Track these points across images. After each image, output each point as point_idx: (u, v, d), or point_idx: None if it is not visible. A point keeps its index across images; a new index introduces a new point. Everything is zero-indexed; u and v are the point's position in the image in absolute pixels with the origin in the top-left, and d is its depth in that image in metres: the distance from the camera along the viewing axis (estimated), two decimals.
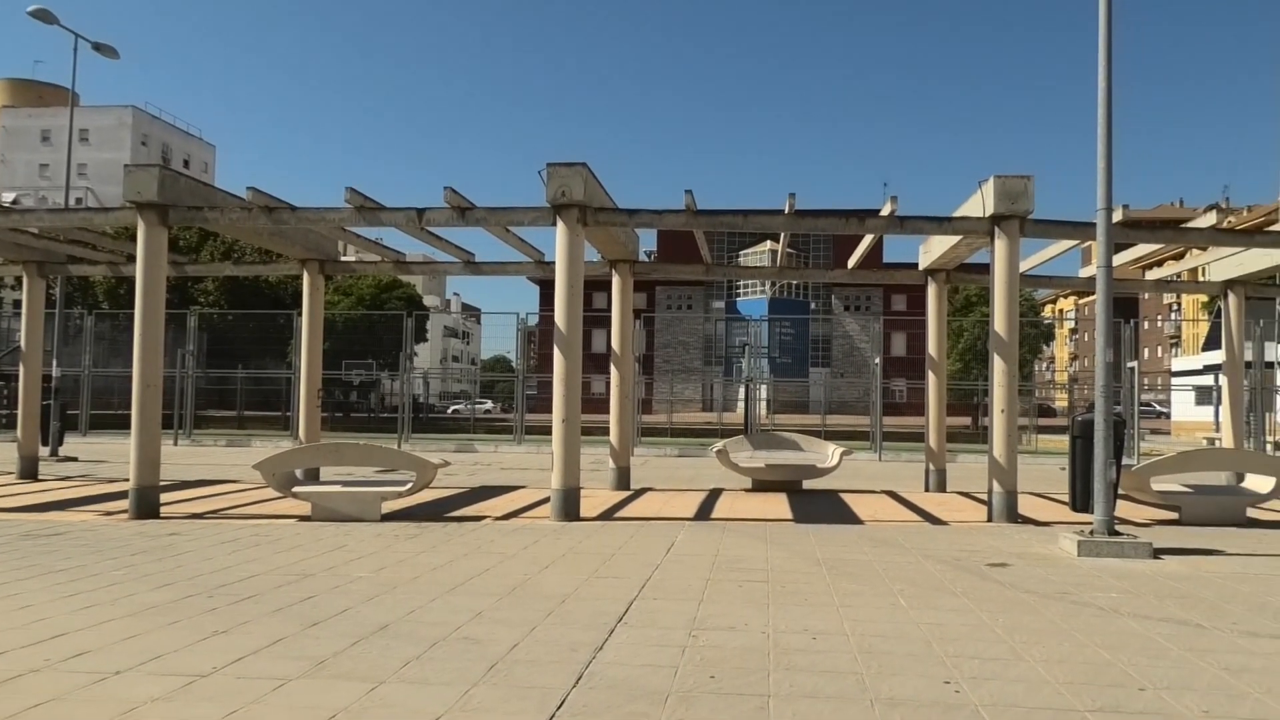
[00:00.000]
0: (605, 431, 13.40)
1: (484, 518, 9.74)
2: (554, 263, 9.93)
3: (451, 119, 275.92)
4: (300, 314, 13.82)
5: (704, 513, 10.49)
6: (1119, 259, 14.26)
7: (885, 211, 10.69)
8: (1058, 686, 4.07)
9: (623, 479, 13.05)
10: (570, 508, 9.60)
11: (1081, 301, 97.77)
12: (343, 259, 14.95)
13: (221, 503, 11.05)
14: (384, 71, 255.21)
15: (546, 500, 9.99)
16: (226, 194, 11.67)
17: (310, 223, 10.97)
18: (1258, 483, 10.65)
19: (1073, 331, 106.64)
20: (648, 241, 69.54)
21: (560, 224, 9.76)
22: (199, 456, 19.74)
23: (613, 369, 13.33)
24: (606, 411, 13.76)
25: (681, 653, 4.53)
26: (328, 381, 19.96)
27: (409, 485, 9.58)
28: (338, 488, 9.73)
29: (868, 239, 12.95)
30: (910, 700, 3.84)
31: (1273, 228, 12.24)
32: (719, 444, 13.61)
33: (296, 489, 9.71)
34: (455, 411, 53.18)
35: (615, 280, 13.28)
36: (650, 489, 13.17)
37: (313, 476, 11.76)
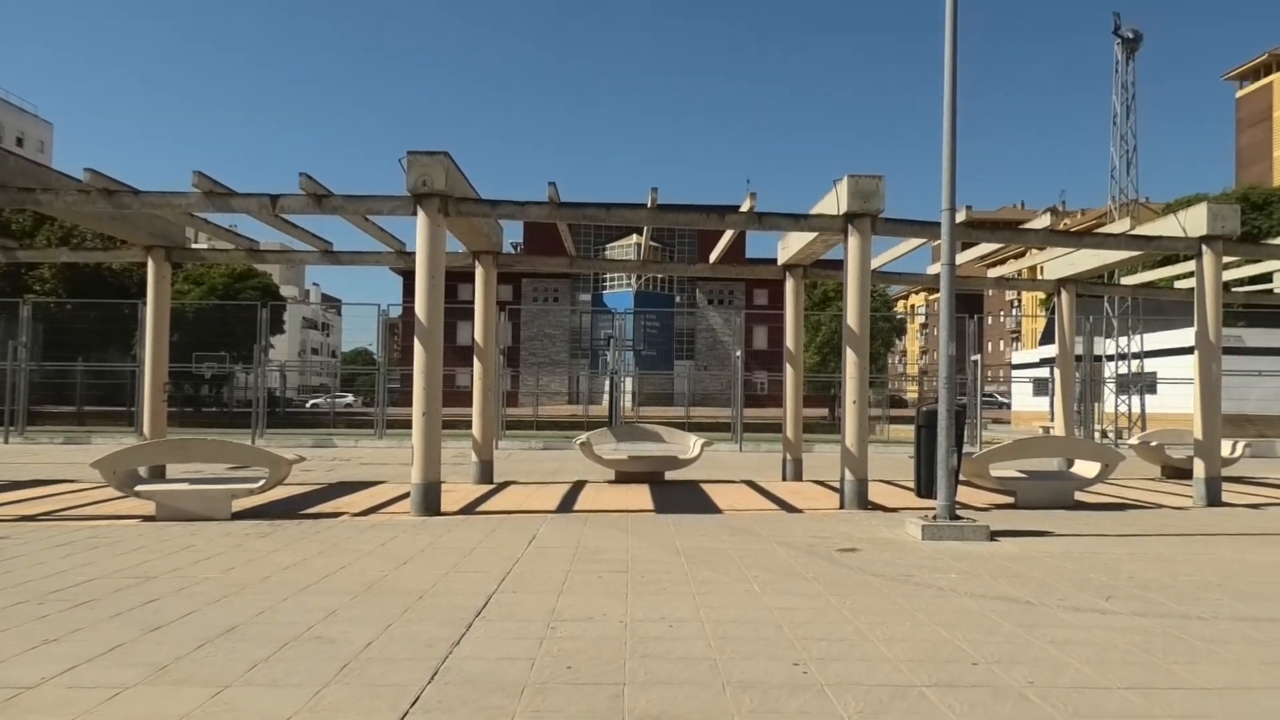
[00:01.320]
0: (469, 425, 13.25)
1: (341, 514, 9.50)
2: (415, 253, 9.76)
3: (311, 114, 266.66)
4: (145, 303, 13.13)
5: (567, 505, 10.52)
6: (964, 257, 14.99)
7: (745, 208, 10.94)
8: (898, 664, 4.28)
9: (486, 473, 12.95)
10: (431, 502, 9.47)
11: (931, 297, 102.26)
12: (193, 246, 14.30)
13: (57, 504, 10.41)
14: (239, 67, 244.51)
15: (407, 495, 9.83)
16: (63, 175, 10.99)
17: (155, 208, 10.44)
18: (1085, 468, 11.41)
19: (923, 326, 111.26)
20: (515, 233, 69.04)
21: (421, 214, 9.60)
22: (33, 455, 18.53)
23: (476, 362, 13.19)
24: (471, 404, 13.61)
25: (539, 645, 4.55)
26: (176, 375, 19.05)
27: (261, 482, 9.26)
28: (184, 485, 9.31)
29: (729, 234, 13.22)
30: (761, 683, 3.97)
31: (1100, 230, 13.07)
32: (583, 436, 13.66)
33: (140, 488, 9.23)
34: (314, 406, 51.59)
35: (479, 272, 13.15)
36: (514, 482, 13.11)
37: (158, 475, 11.22)
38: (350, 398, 58.73)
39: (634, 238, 61.47)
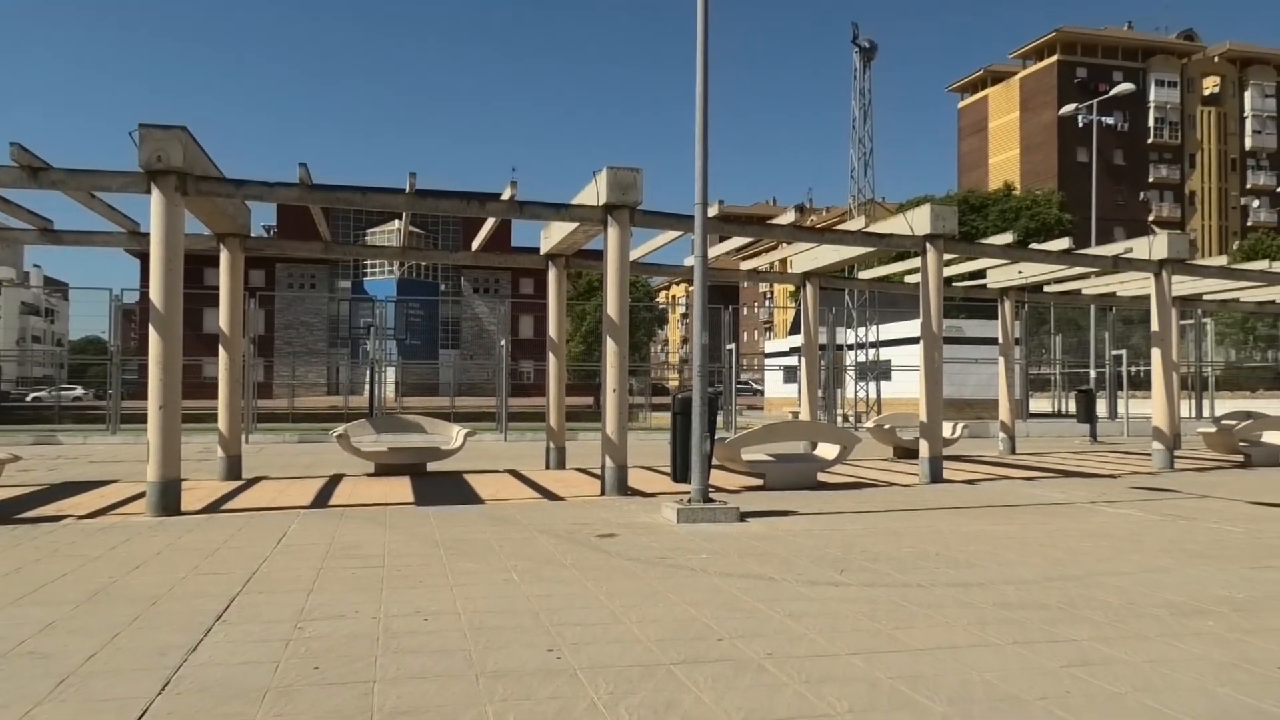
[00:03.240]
0: (217, 418, 12.46)
1: (65, 517, 8.68)
2: (150, 234, 9.05)
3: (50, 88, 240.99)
4: None
5: (321, 500, 10.12)
6: (720, 249, 15.64)
7: (506, 196, 10.90)
8: (649, 644, 4.42)
9: (233, 468, 12.23)
10: (169, 501, 8.84)
11: (692, 289, 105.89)
12: None
13: None
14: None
15: (143, 495, 9.11)
16: None
17: None
18: (826, 450, 12.21)
19: (684, 316, 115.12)
20: (267, 215, 65.38)
21: (156, 192, 8.91)
22: None
23: (221, 351, 12.41)
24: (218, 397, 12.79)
25: (285, 646, 4.35)
26: None
27: None
28: None
29: (491, 222, 13.13)
30: (515, 671, 3.99)
31: (839, 227, 14.01)
32: (340, 428, 13.18)
33: None
34: (36, 399, 46.74)
35: (224, 256, 12.36)
36: (265, 478, 12.46)
37: None
38: (80, 390, 53.65)
39: (396, 223, 59.80)
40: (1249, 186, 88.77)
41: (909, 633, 4.69)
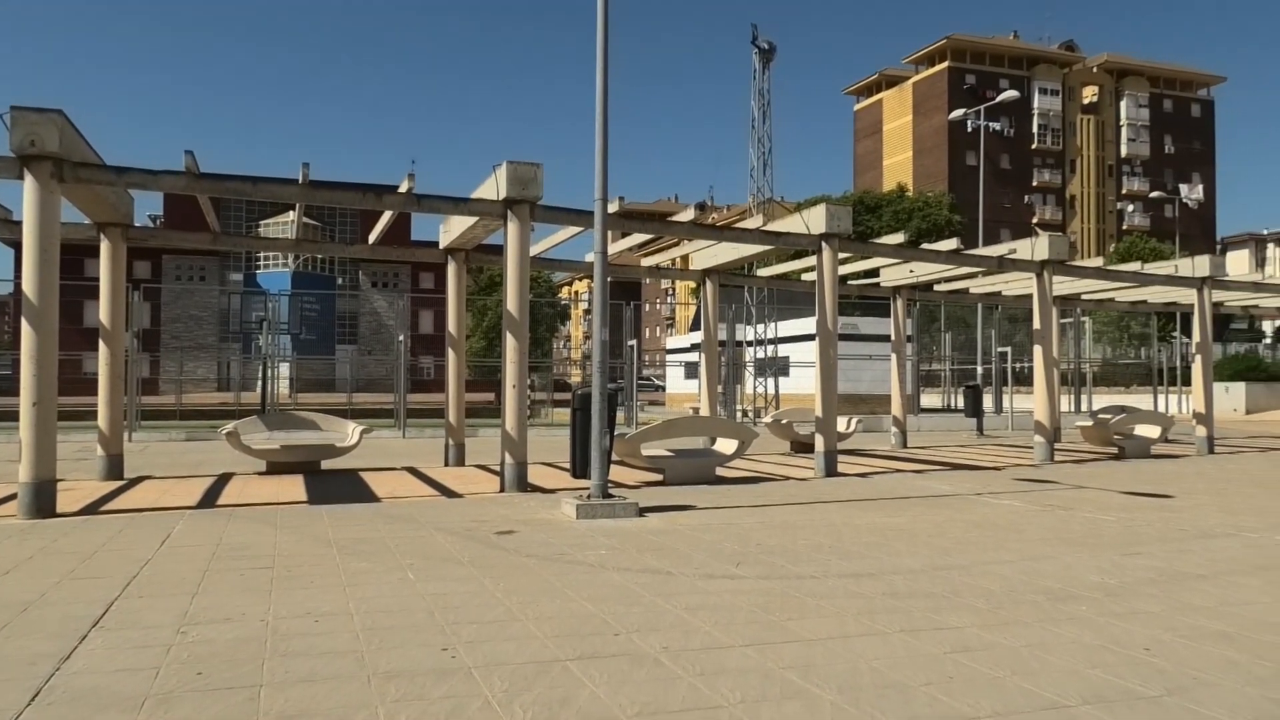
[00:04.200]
0: (97, 415, 11.92)
1: None
2: (23, 223, 8.60)
3: None
4: None
5: (209, 500, 9.79)
6: (623, 245, 15.67)
7: (403, 189, 10.72)
8: (545, 640, 4.41)
9: (115, 468, 11.73)
10: (43, 503, 8.42)
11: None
12: None
13: None
14: None
15: (13, 497, 8.67)
16: None
17: None
18: (725, 445, 12.36)
19: (586, 312, 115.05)
20: (154, 205, 62.88)
21: (29, 178, 8.47)
22: None
23: (103, 345, 11.89)
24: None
25: (167, 652, 4.20)
26: None
27: None
28: None
29: (388, 215, 12.89)
30: (408, 671, 3.93)
31: (738, 225, 14.20)
32: (229, 426, 12.76)
33: None
34: None
35: (104, 246, 11.82)
36: (148, 477, 11.98)
37: None
38: None
39: (290, 215, 58.20)
40: (1124, 192, 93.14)
41: (801, 623, 4.79)
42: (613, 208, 10.96)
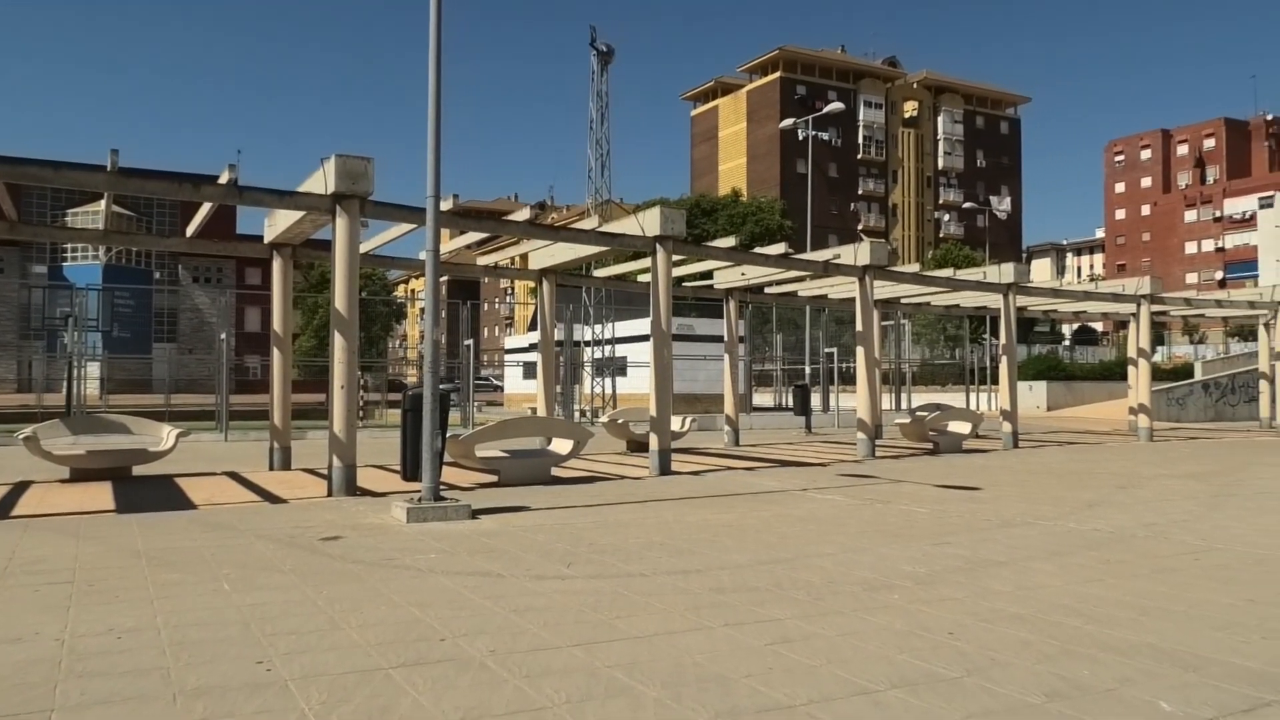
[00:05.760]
0: None
1: None
2: None
3: None
4: None
5: (2, 511, 9.06)
6: (459, 244, 15.45)
7: (224, 179, 10.23)
8: (368, 649, 4.29)
9: None
10: None
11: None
12: None
13: None
14: None
15: None
16: None
17: None
18: (561, 445, 12.36)
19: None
20: None
21: None
22: None
23: None
24: None
25: None
26: None
27: None
28: None
29: (208, 206, 12.26)
30: (219, 687, 3.75)
31: (574, 225, 14.24)
32: (28, 430, 11.84)
33: None
34: None
35: None
36: None
37: None
38: None
39: (102, 204, 54.56)
40: (941, 202, 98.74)
41: (629, 621, 4.84)
42: (446, 205, 10.79)
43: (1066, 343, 64.18)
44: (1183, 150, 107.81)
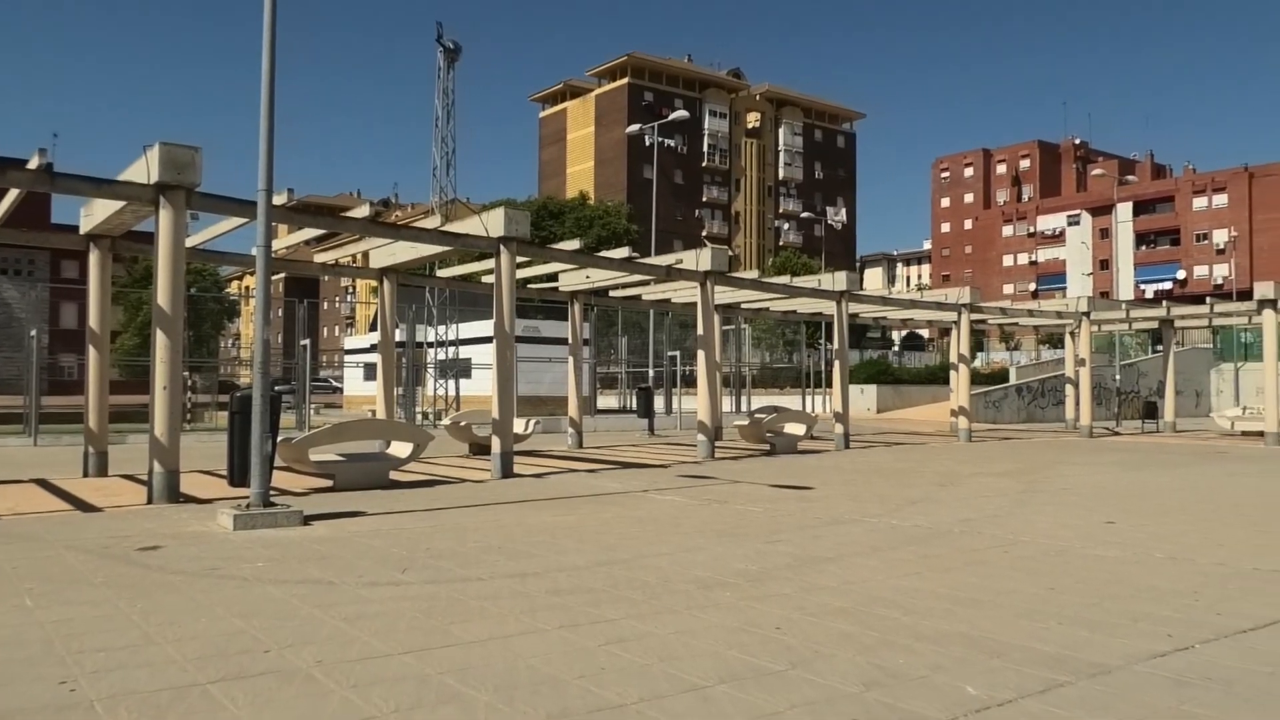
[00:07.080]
0: None
1: None
2: None
3: None
4: None
5: None
6: (295, 239, 14.90)
7: (33, 164, 9.53)
8: (185, 664, 4.10)
9: None
10: None
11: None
12: None
13: None
14: None
15: None
16: None
17: None
18: (400, 449, 12.11)
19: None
20: None
21: None
22: None
23: None
24: None
25: None
26: None
27: None
28: None
29: (15, 193, 11.40)
30: (16, 711, 3.50)
31: (416, 224, 13.98)
32: None
33: None
34: None
35: None
36: None
37: None
38: None
39: None
40: (781, 211, 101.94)
41: (464, 626, 4.80)
42: (280, 199, 10.42)
43: (896, 348, 67.28)
44: (1001, 169, 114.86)
